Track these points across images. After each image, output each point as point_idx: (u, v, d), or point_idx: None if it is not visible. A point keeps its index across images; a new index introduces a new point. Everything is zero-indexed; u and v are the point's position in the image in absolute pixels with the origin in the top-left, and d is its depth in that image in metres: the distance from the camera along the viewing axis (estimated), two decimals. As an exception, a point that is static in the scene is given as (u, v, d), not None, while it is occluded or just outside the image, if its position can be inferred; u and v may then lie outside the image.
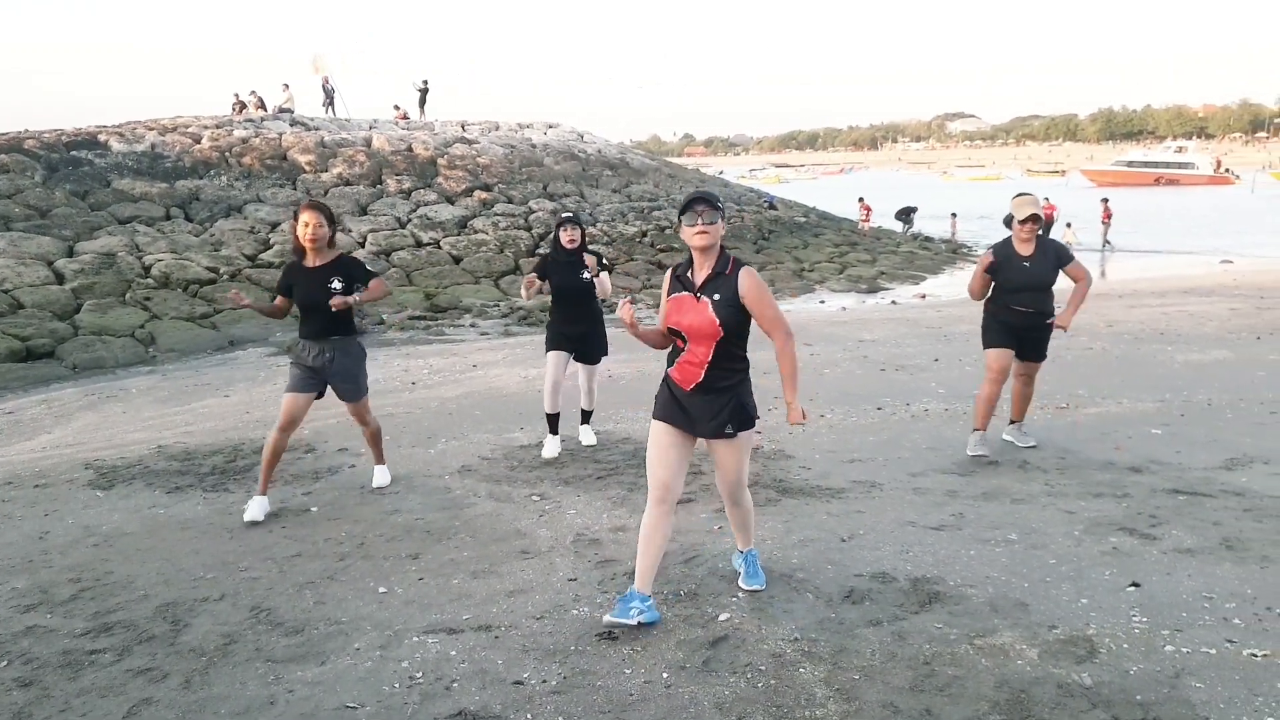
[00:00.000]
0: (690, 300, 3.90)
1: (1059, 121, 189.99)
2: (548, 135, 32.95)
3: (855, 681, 3.50)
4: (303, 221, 5.59)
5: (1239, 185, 66.69)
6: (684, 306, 3.91)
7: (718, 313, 3.84)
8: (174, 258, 18.30)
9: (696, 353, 3.90)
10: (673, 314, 3.94)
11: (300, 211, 5.66)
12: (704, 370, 3.90)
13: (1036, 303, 6.36)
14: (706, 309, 3.85)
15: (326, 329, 5.70)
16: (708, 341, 3.87)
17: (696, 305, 3.87)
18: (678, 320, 3.92)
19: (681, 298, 3.93)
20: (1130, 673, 3.50)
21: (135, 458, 7.28)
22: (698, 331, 3.86)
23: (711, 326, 3.84)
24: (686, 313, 3.90)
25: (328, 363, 5.72)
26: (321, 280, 5.62)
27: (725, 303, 3.84)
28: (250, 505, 5.67)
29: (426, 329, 16.54)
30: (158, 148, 23.62)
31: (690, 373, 3.93)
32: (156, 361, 14.24)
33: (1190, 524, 5.03)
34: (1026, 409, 6.72)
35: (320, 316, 5.66)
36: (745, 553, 4.38)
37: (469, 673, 3.66)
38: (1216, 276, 20.93)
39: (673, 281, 4.00)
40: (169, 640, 4.06)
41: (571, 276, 6.63)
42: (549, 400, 6.75)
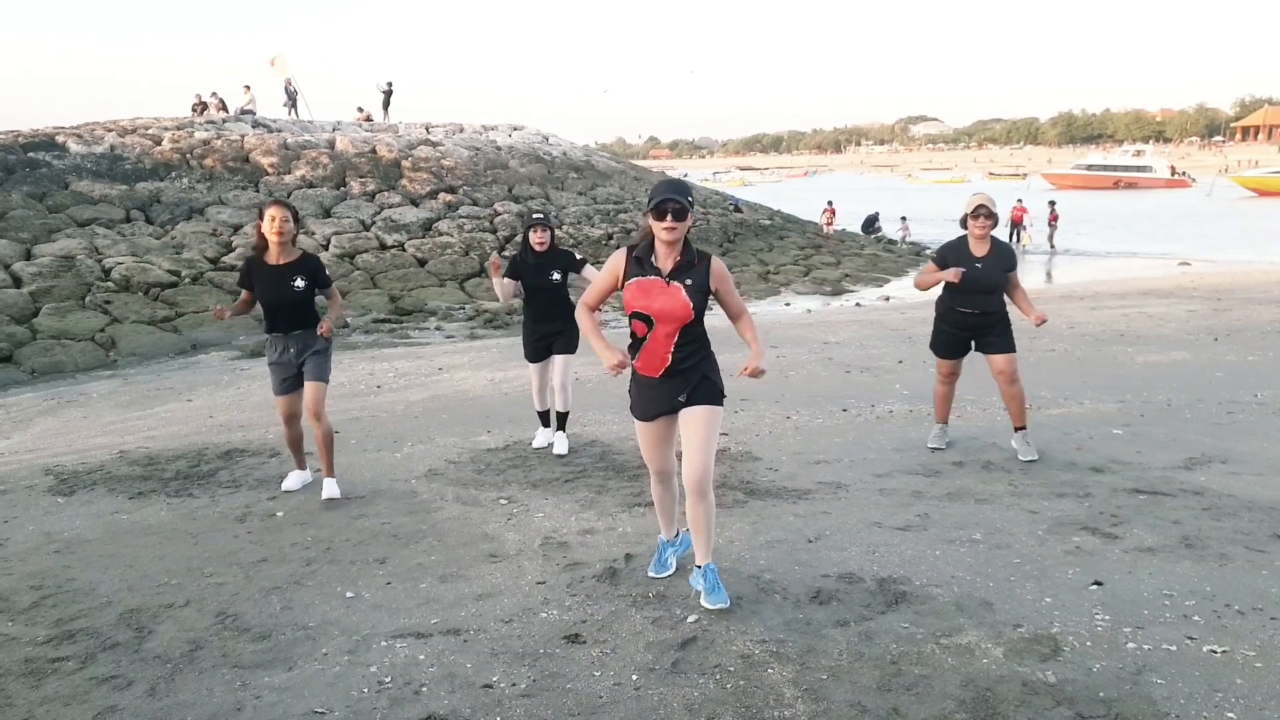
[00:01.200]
0: (660, 285, 3.95)
1: (1020, 125, 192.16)
2: (513, 137, 32.87)
3: (823, 682, 3.52)
4: (269, 216, 5.72)
5: (1195, 188, 67.85)
6: (652, 291, 3.96)
7: (691, 297, 3.94)
8: (135, 261, 18.06)
9: (660, 338, 3.99)
10: (639, 297, 3.97)
11: (267, 207, 5.79)
12: (670, 354, 4.01)
13: (983, 305, 6.37)
14: (680, 293, 3.93)
15: (291, 324, 5.86)
16: (675, 324, 3.97)
17: (668, 290, 3.94)
18: (646, 305, 3.96)
19: (648, 282, 3.97)
20: (1093, 670, 3.56)
21: (96, 463, 7.18)
22: (669, 315, 3.95)
23: (685, 310, 3.94)
24: (656, 297, 3.95)
25: (295, 355, 5.90)
26: (285, 278, 5.78)
27: (697, 289, 3.95)
28: (289, 476, 6.27)
29: (391, 332, 16.44)
30: (117, 149, 23.29)
31: (656, 360, 4.04)
32: (117, 366, 14.06)
33: (1151, 523, 5.12)
34: (1024, 411, 6.60)
35: (283, 312, 5.85)
36: (704, 568, 4.21)
37: (438, 676, 3.64)
38: (1175, 279, 21.30)
39: (632, 263, 4.01)
40: (133, 647, 4.01)
41: (542, 278, 6.64)
42: (537, 400, 7.03)
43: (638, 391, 4.17)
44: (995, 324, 6.45)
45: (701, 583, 4.22)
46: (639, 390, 4.17)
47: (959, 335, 6.52)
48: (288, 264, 5.79)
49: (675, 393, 4.08)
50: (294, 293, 5.77)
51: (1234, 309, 14.71)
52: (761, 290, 21.59)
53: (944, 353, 6.62)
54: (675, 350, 4.01)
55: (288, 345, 5.89)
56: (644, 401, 4.16)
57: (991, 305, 6.42)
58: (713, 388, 4.11)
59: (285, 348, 5.89)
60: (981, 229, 6.31)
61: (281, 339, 5.88)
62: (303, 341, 5.90)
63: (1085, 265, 26.34)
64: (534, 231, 6.65)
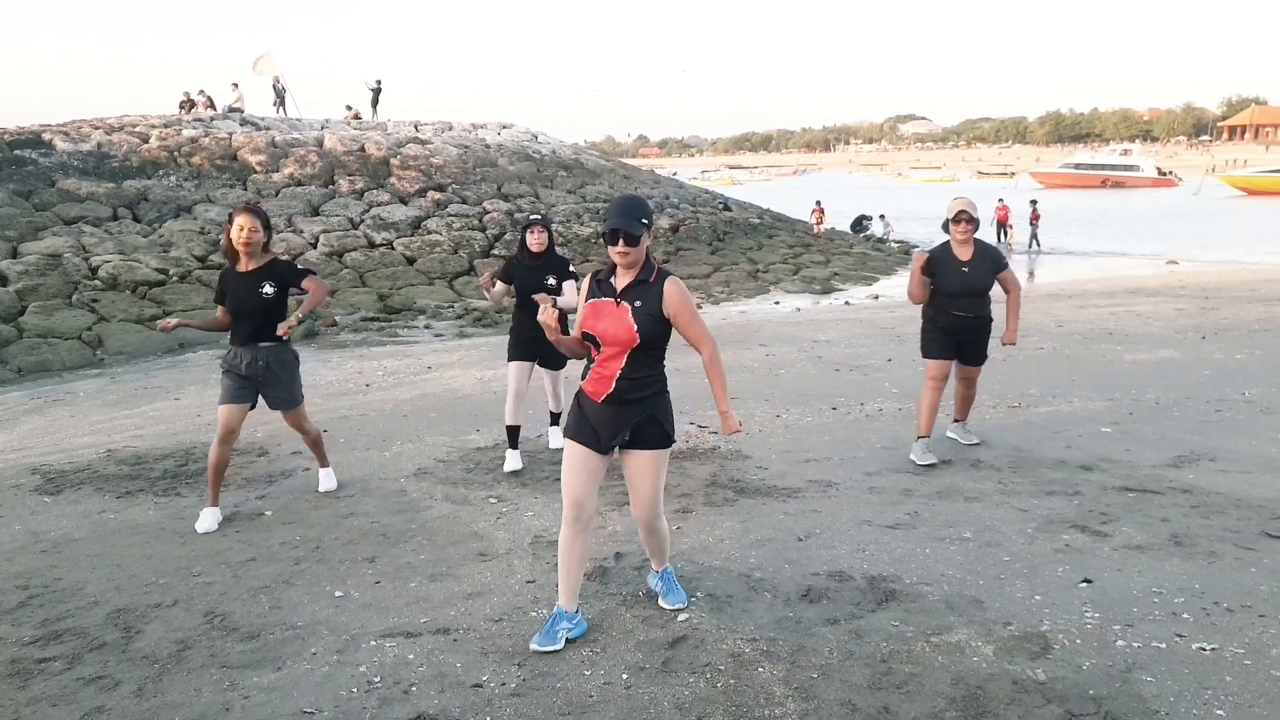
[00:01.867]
0: (610, 306, 3.71)
1: (1008, 124, 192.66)
2: (502, 136, 32.79)
3: (813, 680, 3.52)
4: (238, 225, 5.43)
5: (1182, 187, 68.17)
6: (601, 312, 3.72)
7: (636, 320, 3.66)
8: (122, 259, 17.95)
9: (608, 363, 3.73)
10: (589, 319, 3.75)
11: (235, 215, 5.50)
12: (614, 380, 3.72)
13: (974, 308, 6.40)
14: (626, 315, 3.67)
15: (256, 335, 5.52)
16: (621, 350, 3.70)
17: (616, 311, 3.69)
18: (593, 325, 3.72)
19: (600, 303, 3.74)
20: (1083, 668, 3.57)
21: (84, 462, 7.14)
22: (613, 338, 3.68)
23: (629, 333, 3.66)
24: (604, 318, 3.71)
25: (260, 371, 5.55)
26: (253, 285, 5.45)
27: (645, 311, 3.67)
28: (202, 515, 5.55)
29: (380, 330, 16.38)
30: (104, 147, 23.15)
31: (601, 384, 3.75)
32: (105, 364, 13.97)
33: (1140, 521, 5.14)
34: (969, 409, 6.79)
35: (250, 322, 5.49)
36: (660, 572, 4.22)
37: (427, 676, 3.63)
38: (1163, 277, 21.39)
39: (592, 285, 3.82)
40: (120, 647, 3.98)
41: (536, 282, 6.34)
42: (511, 413, 6.47)
43: (578, 411, 3.85)
44: (983, 330, 6.50)
45: (659, 585, 4.22)
46: (579, 410, 3.85)
47: (950, 337, 6.50)
48: (255, 270, 5.48)
49: (616, 428, 3.76)
50: (262, 300, 5.43)
51: (1221, 307, 14.77)
52: (751, 289, 21.59)
53: (938, 353, 6.53)
54: (620, 378, 3.71)
55: (254, 359, 5.52)
56: (579, 421, 3.82)
57: (983, 307, 6.46)
58: (660, 431, 3.81)
59: (253, 359, 5.52)
60: (963, 234, 6.34)
61: (247, 350, 5.52)
62: (273, 356, 5.57)
63: (1073, 264, 26.39)
64: (531, 232, 6.42)
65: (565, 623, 3.87)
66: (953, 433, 6.90)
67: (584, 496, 3.80)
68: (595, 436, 3.78)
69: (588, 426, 3.80)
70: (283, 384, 5.64)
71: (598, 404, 3.76)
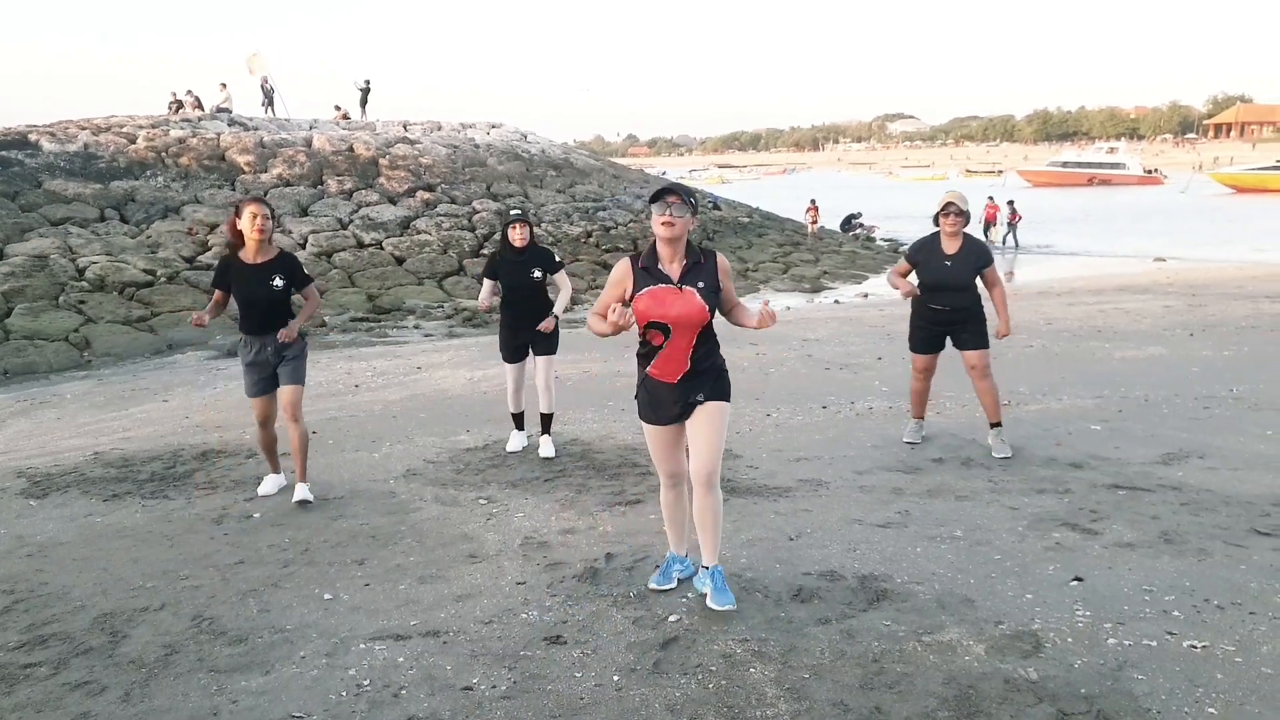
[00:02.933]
0: (674, 291, 3.86)
1: (996, 122, 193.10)
2: (491, 135, 32.73)
3: (805, 680, 3.51)
4: (249, 214, 5.58)
5: (1168, 185, 68.45)
6: (667, 299, 3.86)
7: (706, 299, 3.87)
8: (109, 260, 17.85)
9: (679, 344, 3.91)
10: (654, 307, 3.86)
11: (245, 205, 5.64)
12: (689, 358, 3.93)
13: (952, 301, 6.40)
14: (695, 298, 3.85)
15: (267, 324, 5.73)
16: (694, 329, 3.90)
17: (682, 295, 3.86)
18: (663, 313, 3.86)
19: (661, 290, 3.86)
20: (1074, 666, 3.56)
21: (70, 465, 7.08)
22: (686, 321, 3.86)
23: (702, 314, 3.87)
24: (673, 304, 3.86)
25: (271, 355, 5.79)
26: (264, 277, 5.66)
27: (710, 289, 3.90)
28: (265, 481, 6.14)
29: (369, 331, 16.34)
30: (91, 148, 23.03)
31: (675, 366, 3.94)
32: (92, 366, 13.90)
33: (1130, 518, 5.14)
34: (998, 407, 6.61)
35: (261, 312, 5.72)
36: (711, 570, 4.15)
37: (417, 679, 3.61)
38: (1150, 274, 21.46)
39: (639, 274, 3.91)
40: (107, 652, 3.95)
41: (522, 276, 6.54)
42: (512, 401, 6.87)
43: (649, 396, 4.03)
44: (968, 320, 6.48)
45: (709, 584, 4.15)
46: (651, 395, 4.03)
47: (933, 331, 6.56)
48: (265, 262, 5.65)
49: (690, 394, 3.98)
50: (272, 292, 5.64)
51: (1209, 304, 14.83)
52: (741, 288, 21.58)
53: (919, 348, 6.66)
54: (694, 355, 3.94)
55: (264, 345, 5.76)
56: (656, 406, 4.02)
57: (963, 301, 6.45)
58: (725, 384, 4.07)
59: (262, 348, 5.76)
60: (952, 225, 6.32)
61: (258, 339, 5.75)
62: (280, 342, 5.78)
63: (1059, 261, 26.43)
64: (513, 228, 6.54)
65: (678, 566, 4.37)
66: (991, 441, 6.61)
67: (678, 466, 4.16)
68: (674, 412, 4.02)
69: (665, 409, 4.02)
70: (292, 359, 5.85)
71: (673, 385, 3.97)
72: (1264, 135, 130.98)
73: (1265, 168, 60.85)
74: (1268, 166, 60.84)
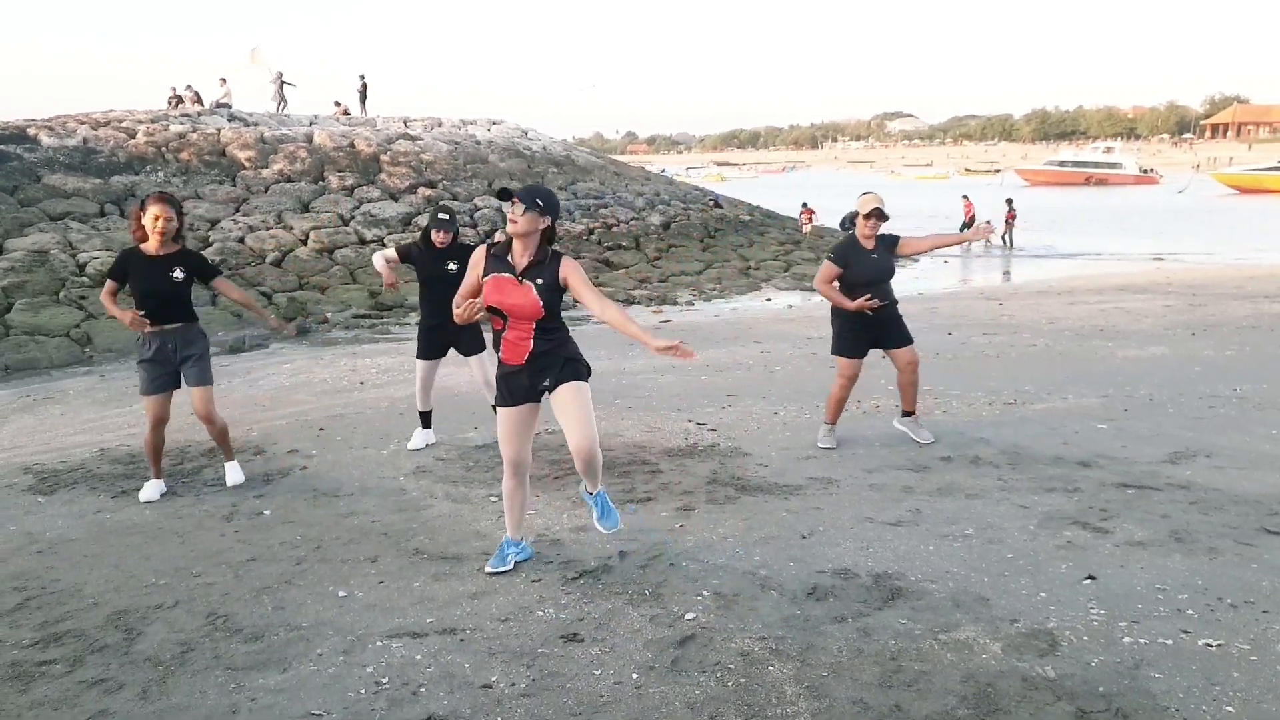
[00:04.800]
0: (512, 283, 4.17)
1: (995, 121, 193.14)
2: (491, 132, 32.69)
3: (824, 679, 3.52)
4: (152, 214, 5.60)
5: (1162, 184, 68.71)
6: (505, 288, 4.18)
7: (541, 296, 4.15)
8: (110, 255, 17.80)
9: (519, 331, 4.23)
10: (494, 293, 4.19)
11: (149, 204, 5.66)
12: (530, 344, 4.23)
13: (883, 293, 6.53)
14: (530, 292, 4.15)
15: (166, 315, 5.70)
16: (529, 320, 4.20)
17: (520, 288, 4.16)
18: (500, 300, 4.18)
19: (502, 279, 4.18)
20: (1091, 665, 3.58)
21: (77, 461, 7.08)
22: (520, 311, 4.18)
23: (535, 308, 4.16)
24: (510, 294, 4.17)
25: (171, 353, 5.77)
26: (164, 268, 5.65)
27: (547, 287, 4.16)
28: (146, 488, 6.01)
29: (371, 328, 16.32)
30: (90, 142, 22.98)
31: (519, 350, 4.26)
32: (94, 362, 13.87)
33: (1140, 517, 5.15)
34: (915, 399, 6.82)
35: (159, 303, 5.67)
36: (595, 494, 4.59)
37: (435, 677, 3.61)
38: (1149, 274, 21.48)
39: (489, 260, 4.24)
40: (122, 650, 3.95)
41: (439, 267, 6.59)
42: (421, 399, 7.01)
43: (502, 380, 4.36)
44: (895, 316, 6.63)
45: (595, 505, 4.60)
46: (503, 379, 4.35)
47: (865, 335, 6.63)
48: (166, 254, 5.69)
49: (539, 379, 4.28)
50: (171, 283, 5.64)
51: (1209, 304, 14.85)
52: (743, 285, 21.60)
53: (852, 352, 6.70)
54: (535, 341, 4.24)
55: (164, 342, 5.73)
56: (508, 388, 4.33)
57: (891, 294, 6.64)
58: (577, 367, 4.33)
59: (161, 343, 5.73)
60: (872, 229, 6.53)
61: (156, 333, 5.70)
62: (181, 338, 5.77)
63: (1057, 263, 26.38)
64: (437, 233, 6.62)
65: (513, 549, 4.63)
66: (901, 425, 6.88)
67: (523, 454, 4.44)
68: (524, 391, 4.31)
69: (515, 391, 4.32)
70: (195, 358, 5.84)
71: (521, 366, 4.27)
72: (1260, 136, 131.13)
73: (1267, 169, 61.23)
74: (1269, 167, 61.22)
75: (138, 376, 5.90)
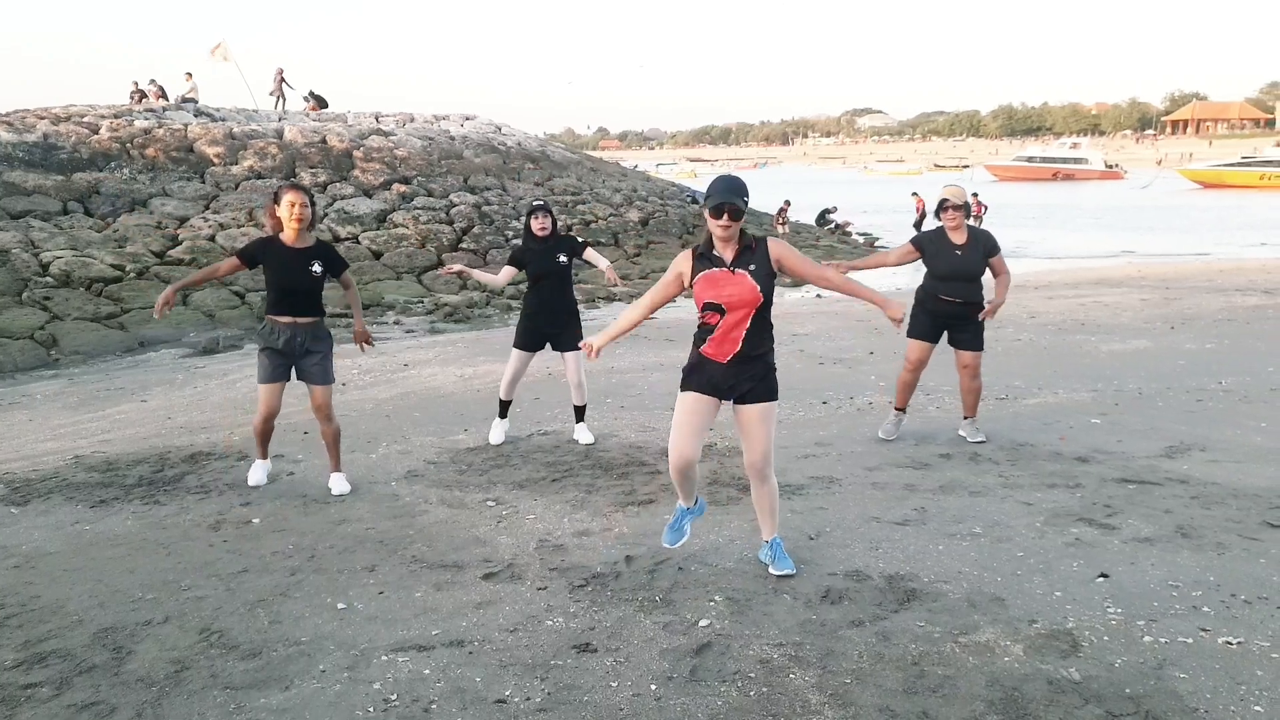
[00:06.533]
0: (725, 274, 4.10)
1: (962, 118, 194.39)
2: (465, 127, 32.39)
3: (847, 686, 3.43)
4: (287, 202, 5.57)
5: (1127, 179, 69.74)
6: (719, 281, 4.11)
7: (758, 281, 4.08)
8: (75, 255, 17.43)
9: (733, 327, 4.12)
10: (708, 289, 4.12)
11: (284, 192, 5.63)
12: (742, 339, 4.13)
13: (965, 293, 6.41)
14: (746, 279, 4.08)
15: (300, 310, 5.68)
16: (747, 309, 4.10)
17: (734, 278, 4.09)
18: (717, 294, 4.10)
19: (714, 274, 4.11)
20: (1115, 665, 3.52)
21: (50, 470, 6.84)
22: (739, 301, 4.08)
23: (753, 294, 4.07)
24: (725, 286, 4.10)
25: (298, 346, 5.70)
26: (303, 262, 5.62)
27: (761, 272, 4.10)
28: (254, 469, 6.13)
29: (349, 328, 16.04)
30: (51, 138, 22.46)
31: (728, 345, 4.14)
32: (60, 365, 13.53)
33: (1144, 513, 5.12)
34: (976, 404, 6.73)
35: (299, 298, 5.67)
36: (770, 541, 4.48)
37: (446, 692, 3.48)
38: (1123, 268, 21.67)
39: (696, 260, 4.17)
40: (112, 670, 3.76)
41: (549, 262, 6.60)
42: (506, 389, 6.85)
43: (697, 370, 4.24)
44: (971, 319, 6.48)
45: (769, 554, 4.46)
46: (697, 366, 4.24)
47: (938, 321, 6.54)
48: (306, 247, 5.67)
49: (736, 379, 4.18)
50: (311, 278, 5.63)
51: (1183, 297, 14.96)
52: (719, 281, 21.50)
53: (920, 333, 6.60)
54: (746, 337, 4.13)
55: (295, 334, 5.68)
56: (701, 375, 4.22)
57: (973, 294, 6.45)
58: (772, 385, 4.28)
59: (291, 335, 5.67)
60: (953, 220, 6.37)
61: (288, 325, 5.66)
62: (311, 333, 5.73)
63: (1029, 258, 26.49)
64: (535, 217, 6.59)
65: (688, 515, 4.59)
66: (963, 431, 6.78)
67: (692, 450, 4.25)
68: (716, 387, 4.21)
69: (708, 383, 4.21)
70: (319, 357, 5.77)
71: (723, 364, 4.17)
72: (1219, 132, 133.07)
73: (1229, 164, 62.55)
74: (1232, 163, 62.54)
75: (257, 363, 5.81)
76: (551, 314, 6.66)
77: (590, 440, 6.86)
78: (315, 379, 5.80)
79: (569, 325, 6.72)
